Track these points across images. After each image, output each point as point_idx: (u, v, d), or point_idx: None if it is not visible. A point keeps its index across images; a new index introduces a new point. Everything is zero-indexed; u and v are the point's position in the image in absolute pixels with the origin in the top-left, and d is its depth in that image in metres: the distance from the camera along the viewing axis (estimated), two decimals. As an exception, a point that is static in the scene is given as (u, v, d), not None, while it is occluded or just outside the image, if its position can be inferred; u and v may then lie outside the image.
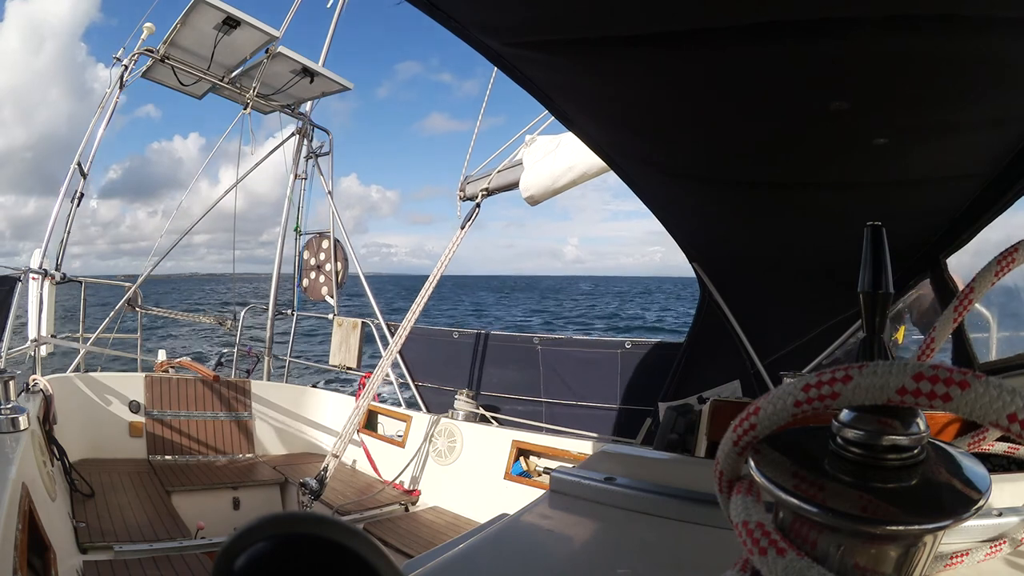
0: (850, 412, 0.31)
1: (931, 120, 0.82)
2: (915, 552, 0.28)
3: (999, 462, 0.76)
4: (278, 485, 3.25)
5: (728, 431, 0.32)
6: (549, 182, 2.63)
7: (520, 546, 0.67)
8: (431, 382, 3.84)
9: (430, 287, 2.93)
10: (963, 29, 0.59)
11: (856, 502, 0.28)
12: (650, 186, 1.32)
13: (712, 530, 0.66)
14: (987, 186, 1.06)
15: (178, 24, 3.27)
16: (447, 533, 2.60)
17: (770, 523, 0.31)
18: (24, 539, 1.33)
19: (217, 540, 2.35)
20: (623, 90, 0.84)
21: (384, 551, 0.19)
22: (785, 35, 0.62)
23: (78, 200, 3.55)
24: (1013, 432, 0.24)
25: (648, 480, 0.77)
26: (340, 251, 4.56)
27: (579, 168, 2.54)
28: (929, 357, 0.56)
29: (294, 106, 4.27)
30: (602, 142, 1.13)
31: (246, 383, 3.76)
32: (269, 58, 3.55)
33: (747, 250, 1.61)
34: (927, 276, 1.36)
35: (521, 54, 0.77)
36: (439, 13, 0.69)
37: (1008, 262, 0.52)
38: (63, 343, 3.56)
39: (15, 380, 1.88)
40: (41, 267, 3.32)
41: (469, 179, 3.21)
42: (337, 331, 4.17)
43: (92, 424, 3.14)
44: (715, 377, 1.97)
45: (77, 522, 2.21)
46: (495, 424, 3.24)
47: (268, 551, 0.18)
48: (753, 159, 1.01)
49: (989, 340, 1.65)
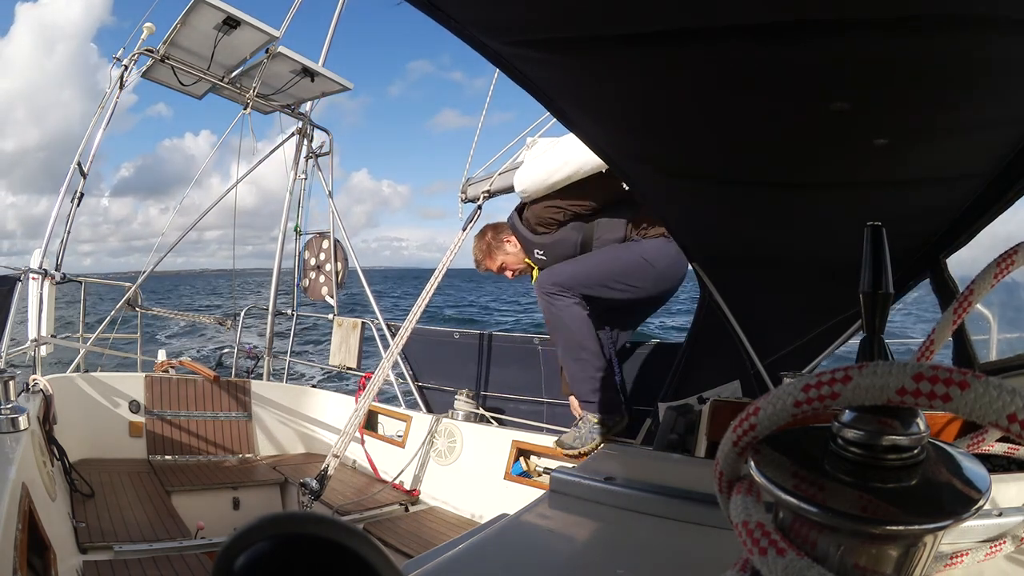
0: (850, 412, 0.31)
1: (932, 121, 0.82)
2: (915, 552, 0.28)
3: (999, 462, 0.76)
4: (278, 485, 3.25)
5: (728, 431, 0.32)
6: (543, 177, 2.63)
7: (520, 546, 0.68)
8: (431, 382, 3.84)
9: (431, 289, 2.93)
10: (966, 30, 0.59)
11: (856, 502, 0.28)
12: (650, 186, 1.32)
13: (712, 530, 0.66)
14: (987, 186, 1.05)
15: (178, 24, 3.27)
16: (447, 533, 2.60)
17: (770, 523, 0.31)
18: (24, 539, 1.33)
19: (217, 540, 2.35)
20: (623, 89, 0.84)
21: (384, 551, 0.19)
22: (787, 35, 0.62)
23: (78, 200, 3.55)
24: (1013, 432, 0.24)
25: (648, 480, 0.78)
26: (340, 251, 4.56)
27: (574, 163, 2.53)
28: (929, 358, 0.56)
29: (294, 106, 4.27)
30: (602, 142, 1.13)
31: (246, 383, 3.76)
32: (269, 58, 3.55)
33: (747, 250, 1.60)
34: (927, 276, 1.36)
35: (521, 53, 0.77)
36: (439, 13, 0.69)
37: (1008, 263, 0.52)
38: (63, 343, 3.56)
39: (15, 380, 1.88)
40: (41, 267, 3.32)
41: (471, 181, 3.21)
42: (337, 331, 4.17)
43: (92, 424, 3.14)
44: (715, 377, 1.97)
45: (77, 522, 2.21)
46: (495, 424, 3.23)
47: (268, 551, 0.18)
48: (753, 159, 1.01)
49: (989, 341, 1.65)
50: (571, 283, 2.42)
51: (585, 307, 2.43)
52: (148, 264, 4.17)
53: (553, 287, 2.43)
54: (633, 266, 2.40)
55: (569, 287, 2.42)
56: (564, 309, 2.41)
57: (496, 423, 3.25)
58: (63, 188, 3.51)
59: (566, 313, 2.41)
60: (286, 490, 3.26)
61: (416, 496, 3.08)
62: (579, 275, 2.43)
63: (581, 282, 2.42)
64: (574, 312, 2.40)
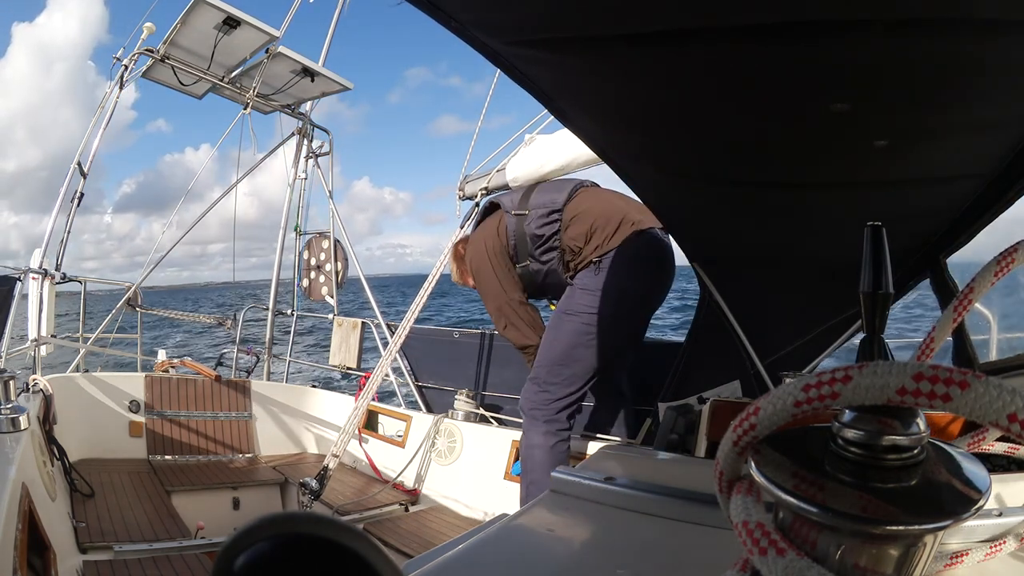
0: (850, 412, 0.31)
1: (932, 121, 0.82)
2: (915, 552, 0.28)
3: (999, 462, 0.76)
4: (278, 485, 3.25)
5: (728, 431, 0.32)
6: (536, 167, 2.63)
7: (520, 546, 0.68)
8: (432, 382, 3.84)
9: (429, 286, 2.93)
10: (967, 32, 0.59)
11: (856, 502, 0.28)
12: (649, 186, 1.32)
13: (712, 530, 0.66)
14: (987, 186, 1.06)
15: (178, 24, 3.27)
16: (447, 533, 2.60)
17: (770, 523, 0.31)
18: (24, 539, 1.33)
19: (217, 540, 2.35)
20: (623, 88, 0.84)
21: (384, 551, 0.19)
22: (788, 36, 0.62)
23: (78, 200, 3.55)
24: (1013, 432, 0.24)
25: (648, 480, 0.78)
26: (340, 251, 4.56)
27: (567, 155, 2.53)
28: (929, 357, 0.56)
29: (294, 106, 4.27)
30: (601, 141, 1.13)
31: (246, 383, 3.76)
32: (269, 58, 3.56)
33: (747, 250, 1.60)
34: (927, 276, 1.36)
35: (521, 53, 0.77)
36: (440, 13, 0.69)
37: (1008, 262, 0.52)
38: (63, 343, 3.56)
39: (15, 380, 1.88)
40: (41, 267, 3.32)
41: (468, 178, 3.21)
42: (337, 331, 4.17)
43: (92, 424, 3.14)
44: (715, 377, 1.96)
45: (77, 522, 2.21)
46: (495, 424, 3.23)
47: (268, 551, 0.18)
48: (753, 159, 1.01)
49: (989, 341, 1.65)
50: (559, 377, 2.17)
51: (566, 447, 2.18)
52: (148, 264, 4.17)
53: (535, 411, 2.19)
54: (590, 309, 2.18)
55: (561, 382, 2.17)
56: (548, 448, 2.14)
57: (496, 423, 3.25)
58: (63, 188, 3.51)
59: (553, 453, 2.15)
60: (286, 490, 3.26)
61: (416, 496, 3.08)
62: (554, 358, 2.20)
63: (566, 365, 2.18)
64: (559, 451, 2.15)
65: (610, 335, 2.21)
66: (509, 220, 2.37)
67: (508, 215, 2.38)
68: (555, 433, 2.19)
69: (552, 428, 2.18)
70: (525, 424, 2.26)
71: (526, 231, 2.32)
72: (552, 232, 2.28)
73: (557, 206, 2.27)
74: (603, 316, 2.17)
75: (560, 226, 2.27)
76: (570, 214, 2.25)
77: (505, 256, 2.39)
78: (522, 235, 2.33)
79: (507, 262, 2.40)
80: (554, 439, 2.17)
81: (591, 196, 2.31)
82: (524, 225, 2.32)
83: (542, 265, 2.34)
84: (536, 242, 2.31)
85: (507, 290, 2.40)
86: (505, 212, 2.39)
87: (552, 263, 2.32)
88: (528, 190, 2.41)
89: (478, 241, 2.47)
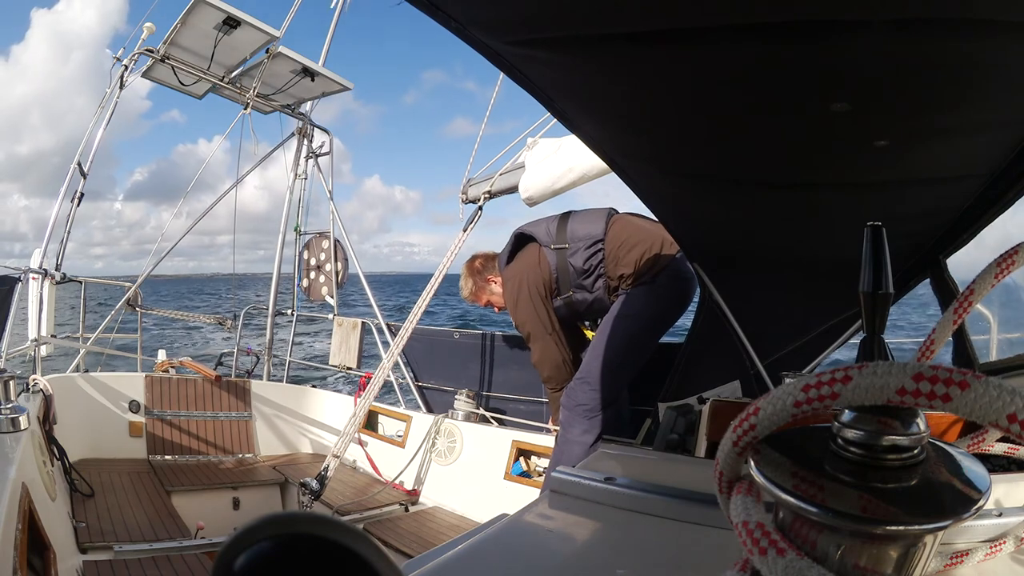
0: (850, 412, 0.31)
1: (932, 122, 0.81)
2: (915, 552, 0.28)
3: (999, 462, 0.76)
4: (278, 485, 3.25)
5: (728, 431, 0.32)
6: (549, 183, 2.63)
7: (520, 546, 0.68)
8: (432, 382, 3.84)
9: (432, 289, 2.93)
10: (967, 32, 0.59)
11: (856, 502, 0.28)
12: (650, 186, 1.32)
13: (712, 530, 0.66)
14: (987, 186, 1.06)
15: (178, 24, 3.27)
16: (447, 533, 2.60)
17: (770, 523, 0.31)
18: (24, 539, 1.33)
19: (217, 540, 2.35)
20: (623, 88, 0.84)
21: (384, 551, 0.19)
22: (788, 36, 0.62)
23: (78, 200, 3.55)
24: (1013, 432, 0.24)
25: (648, 480, 0.78)
26: (340, 251, 4.56)
27: (579, 169, 2.53)
28: (929, 358, 0.56)
29: (294, 106, 4.27)
30: (602, 141, 1.13)
31: (246, 383, 3.76)
32: (269, 58, 3.55)
33: (747, 250, 1.60)
34: (927, 276, 1.36)
35: (522, 53, 0.77)
36: (440, 14, 0.69)
37: (1008, 263, 0.52)
38: (63, 343, 3.56)
39: (15, 380, 1.88)
40: (41, 267, 3.32)
41: (472, 182, 3.20)
42: (337, 331, 4.17)
43: (92, 424, 3.14)
44: (715, 377, 1.96)
45: (77, 522, 2.21)
46: (495, 424, 3.23)
47: (268, 551, 0.18)
48: (754, 159, 1.00)
49: (989, 341, 1.65)
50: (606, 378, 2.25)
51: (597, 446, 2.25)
52: (148, 265, 4.17)
53: (579, 408, 2.27)
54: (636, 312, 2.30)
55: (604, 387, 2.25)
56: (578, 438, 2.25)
57: (496, 423, 3.25)
58: (63, 188, 3.52)
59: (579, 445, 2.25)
60: (286, 490, 3.26)
61: (416, 496, 3.08)
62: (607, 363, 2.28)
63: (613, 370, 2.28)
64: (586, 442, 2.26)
65: (652, 343, 2.39)
66: (548, 254, 2.46)
67: (547, 249, 2.47)
68: (594, 432, 2.29)
69: (594, 425, 2.28)
70: (566, 419, 2.34)
71: (569, 263, 2.43)
72: (598, 262, 2.40)
73: (599, 236, 2.39)
74: (650, 324, 2.35)
75: (604, 255, 2.38)
76: (614, 243, 2.37)
77: (545, 288, 2.49)
78: (565, 267, 2.43)
79: (546, 294, 2.50)
80: (592, 437, 2.27)
81: (627, 224, 2.43)
82: (567, 258, 2.42)
83: (589, 293, 2.46)
84: (582, 274, 2.42)
85: (544, 323, 2.50)
86: (543, 247, 2.48)
87: (599, 291, 2.44)
88: (561, 223, 2.49)
89: (518, 275, 2.54)
